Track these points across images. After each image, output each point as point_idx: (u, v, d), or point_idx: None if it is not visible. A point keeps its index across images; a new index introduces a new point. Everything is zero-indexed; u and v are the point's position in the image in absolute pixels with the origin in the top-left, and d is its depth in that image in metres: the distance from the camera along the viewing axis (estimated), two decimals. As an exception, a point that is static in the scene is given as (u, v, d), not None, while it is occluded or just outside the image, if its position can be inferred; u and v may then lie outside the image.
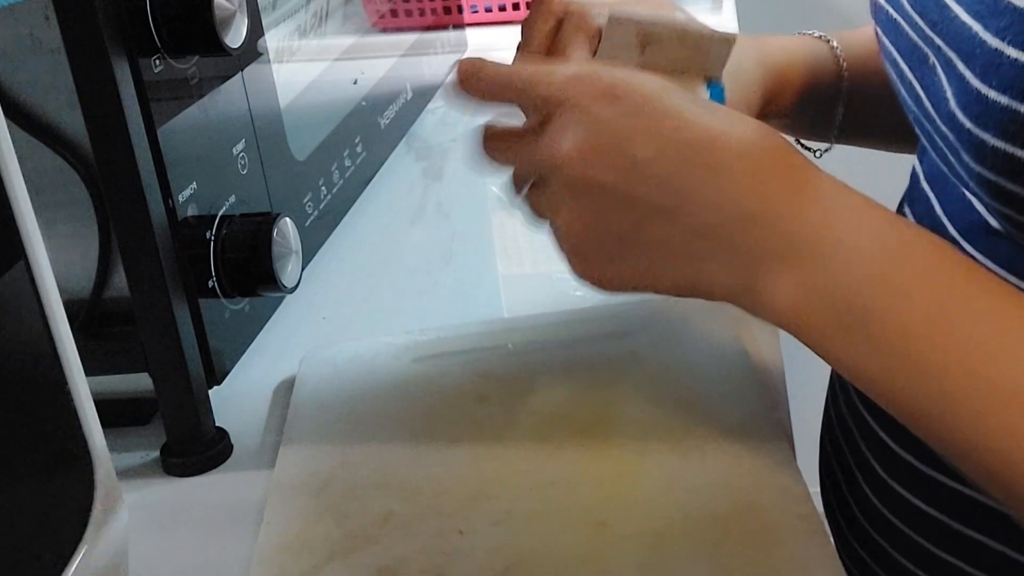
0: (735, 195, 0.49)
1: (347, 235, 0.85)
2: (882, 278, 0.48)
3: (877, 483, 0.61)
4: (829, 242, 0.48)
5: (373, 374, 0.67)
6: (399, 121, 0.99)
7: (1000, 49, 0.46)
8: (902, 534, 0.60)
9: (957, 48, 0.49)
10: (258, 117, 0.69)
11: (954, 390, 0.45)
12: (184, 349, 0.60)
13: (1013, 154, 0.47)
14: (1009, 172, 0.48)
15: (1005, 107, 0.46)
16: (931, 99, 0.53)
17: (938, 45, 0.51)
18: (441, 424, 0.61)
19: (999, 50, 0.47)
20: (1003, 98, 0.47)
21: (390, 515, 0.55)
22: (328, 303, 0.78)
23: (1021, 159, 0.47)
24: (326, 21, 0.87)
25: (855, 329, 0.48)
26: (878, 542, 0.62)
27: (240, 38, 0.61)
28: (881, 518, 0.61)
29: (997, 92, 0.47)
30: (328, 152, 0.82)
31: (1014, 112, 0.46)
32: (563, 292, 0.75)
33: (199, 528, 0.59)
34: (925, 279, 0.48)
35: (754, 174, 0.50)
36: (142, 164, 0.57)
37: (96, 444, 0.47)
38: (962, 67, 0.49)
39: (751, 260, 0.49)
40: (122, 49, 0.55)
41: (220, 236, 0.63)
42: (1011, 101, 0.46)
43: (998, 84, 0.47)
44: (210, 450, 0.63)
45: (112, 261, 0.61)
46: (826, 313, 0.48)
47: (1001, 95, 0.47)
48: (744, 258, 0.50)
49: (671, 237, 0.51)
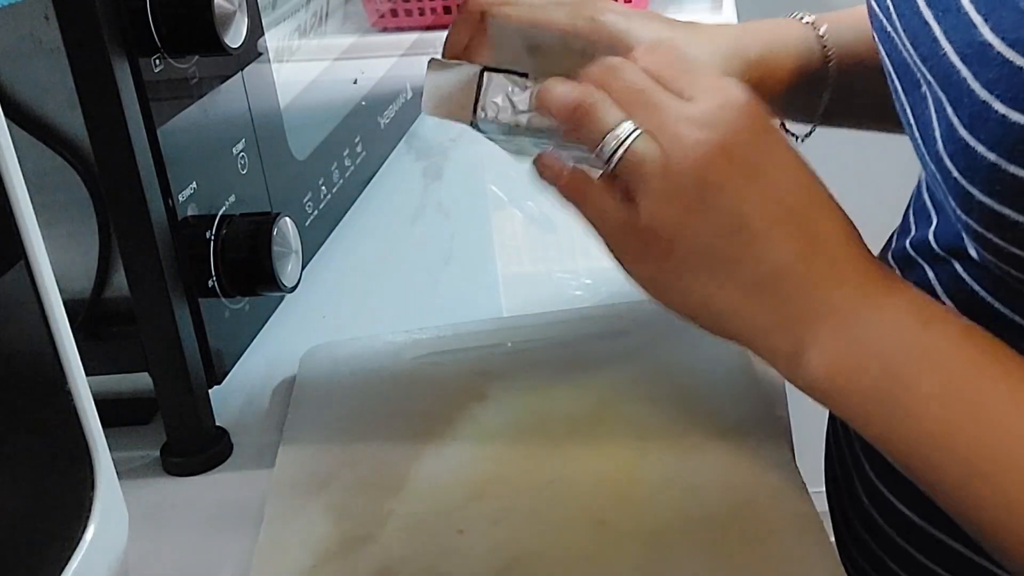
0: (789, 256, 0.49)
1: (347, 235, 0.85)
2: (917, 345, 0.47)
3: (873, 492, 0.61)
4: (869, 308, 0.48)
5: (373, 373, 0.67)
6: (399, 121, 0.99)
7: (988, 102, 0.44)
8: (894, 543, 0.60)
9: (946, 91, 0.48)
10: (258, 117, 0.69)
11: (977, 462, 0.45)
12: (184, 349, 0.60)
13: (1000, 211, 0.45)
14: (996, 227, 0.46)
15: (992, 164, 0.44)
16: (920, 131, 0.52)
17: (928, 80, 0.50)
18: (441, 423, 0.61)
19: (987, 103, 0.44)
20: (990, 155, 0.44)
21: (390, 514, 0.55)
22: (328, 303, 0.78)
23: (1008, 217, 0.45)
24: (326, 21, 0.87)
25: (887, 393, 0.47)
26: (875, 551, 0.62)
27: (240, 38, 0.61)
28: (878, 528, 0.61)
29: (985, 148, 0.45)
30: (328, 152, 0.82)
31: (1001, 171, 0.44)
32: (562, 291, 0.75)
33: (199, 528, 0.59)
34: (957, 350, 0.47)
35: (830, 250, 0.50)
36: (142, 164, 0.57)
37: (96, 444, 0.47)
38: (950, 112, 0.47)
39: (794, 321, 0.49)
40: (122, 49, 0.55)
41: (220, 236, 0.63)
42: (998, 159, 0.44)
43: (986, 139, 0.45)
44: (210, 450, 0.63)
45: (112, 261, 0.61)
46: (861, 377, 0.48)
47: (989, 151, 0.45)
48: (788, 319, 0.49)
49: (742, 273, 0.50)
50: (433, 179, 0.91)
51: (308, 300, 0.77)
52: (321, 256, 0.80)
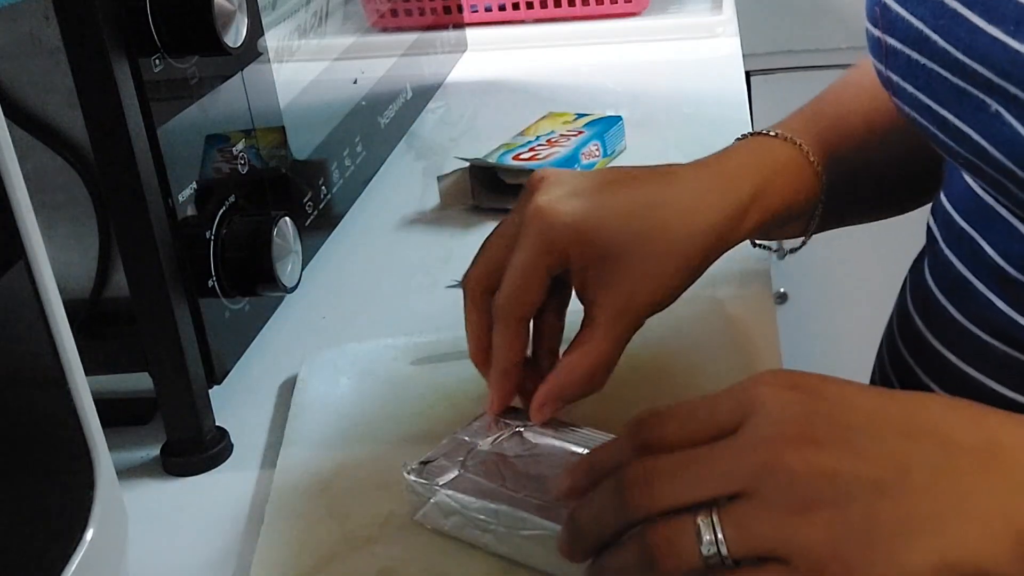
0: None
1: (347, 235, 0.85)
2: None
3: None
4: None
5: (373, 376, 0.67)
6: (399, 121, 0.99)
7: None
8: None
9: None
10: (258, 117, 0.69)
11: None
12: (184, 349, 0.60)
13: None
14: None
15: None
16: (993, 144, 0.50)
17: (1013, 95, 0.48)
18: (441, 425, 0.61)
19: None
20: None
21: (390, 516, 0.55)
22: (328, 303, 0.78)
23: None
24: (326, 21, 0.87)
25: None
26: None
27: (240, 38, 0.61)
28: None
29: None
30: (328, 152, 0.82)
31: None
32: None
33: (199, 528, 0.59)
34: None
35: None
36: (142, 164, 0.57)
37: (96, 444, 0.47)
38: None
39: (1012, 500, 0.42)
40: (122, 49, 0.55)
41: (220, 236, 0.63)
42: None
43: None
44: (210, 450, 0.63)
45: (112, 261, 0.61)
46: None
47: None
48: (1004, 499, 0.42)
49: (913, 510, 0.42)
50: (433, 179, 0.91)
51: (308, 300, 0.77)
52: (321, 256, 0.80)
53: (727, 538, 0.42)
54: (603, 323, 0.56)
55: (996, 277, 0.56)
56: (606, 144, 0.92)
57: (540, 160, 0.87)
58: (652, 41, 1.23)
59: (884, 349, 0.66)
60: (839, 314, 1.61)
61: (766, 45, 1.52)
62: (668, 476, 0.44)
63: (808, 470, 0.42)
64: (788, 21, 1.54)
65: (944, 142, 0.54)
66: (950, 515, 0.41)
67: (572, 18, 1.27)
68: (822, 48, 1.53)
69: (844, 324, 1.53)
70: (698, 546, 0.42)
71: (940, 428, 0.43)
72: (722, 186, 0.59)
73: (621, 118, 0.95)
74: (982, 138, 0.51)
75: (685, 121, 1.01)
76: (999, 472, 0.42)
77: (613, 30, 1.25)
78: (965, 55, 0.50)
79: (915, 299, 0.63)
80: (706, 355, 0.65)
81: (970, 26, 0.49)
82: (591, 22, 1.26)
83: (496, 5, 1.28)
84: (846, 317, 1.55)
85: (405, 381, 0.66)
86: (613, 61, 1.20)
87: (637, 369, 0.62)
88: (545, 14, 1.27)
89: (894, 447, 0.43)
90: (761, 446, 0.43)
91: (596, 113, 0.96)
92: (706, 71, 1.14)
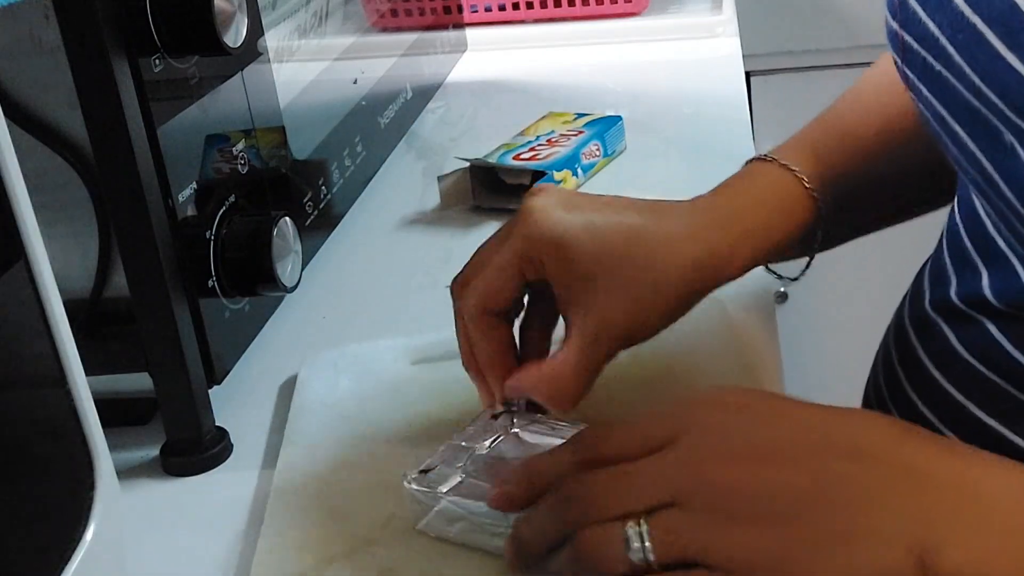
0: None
1: (347, 235, 0.85)
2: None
3: None
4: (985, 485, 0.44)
5: (373, 376, 0.67)
6: (399, 121, 0.99)
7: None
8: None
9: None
10: (258, 117, 0.69)
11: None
12: (184, 349, 0.60)
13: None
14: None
15: None
16: (1004, 179, 0.48)
17: (1021, 128, 0.46)
18: (441, 425, 0.61)
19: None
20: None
21: (391, 517, 0.55)
22: (328, 303, 0.78)
23: None
24: (326, 21, 0.87)
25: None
26: None
27: (240, 38, 0.61)
28: None
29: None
30: (328, 152, 0.82)
31: None
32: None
33: (199, 528, 0.59)
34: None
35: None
36: (142, 164, 0.57)
37: (96, 444, 0.47)
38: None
39: (919, 523, 0.43)
40: (122, 49, 0.55)
41: (220, 236, 0.63)
42: None
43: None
44: (210, 450, 0.63)
45: (112, 261, 0.61)
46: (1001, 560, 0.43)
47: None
48: (911, 522, 0.43)
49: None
50: (433, 179, 0.91)
51: (308, 300, 0.77)
52: (321, 256, 0.80)
53: (654, 543, 0.44)
54: (575, 349, 0.56)
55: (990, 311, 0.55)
56: (606, 144, 0.92)
57: (540, 160, 0.87)
58: (652, 41, 1.23)
59: (879, 358, 0.66)
60: (839, 315, 1.61)
61: (766, 45, 1.52)
62: (603, 489, 0.46)
63: (730, 485, 0.44)
64: (788, 21, 1.54)
65: (955, 156, 0.52)
66: (860, 533, 0.42)
67: (572, 18, 1.27)
68: (822, 48, 1.53)
69: (844, 325, 1.53)
70: (625, 551, 0.44)
71: (861, 446, 0.45)
72: (712, 223, 0.59)
73: (621, 118, 0.95)
74: (994, 170, 0.49)
75: (685, 121, 1.01)
76: (911, 495, 0.43)
77: (613, 30, 1.25)
78: (982, 80, 0.47)
79: (912, 313, 0.62)
80: (706, 355, 0.65)
81: (990, 50, 0.46)
82: (591, 22, 1.26)
83: (496, 5, 1.28)
84: (846, 318, 1.55)
85: (405, 381, 0.66)
86: (613, 61, 1.20)
87: (637, 369, 0.62)
88: (545, 14, 1.27)
89: (815, 464, 0.44)
90: (689, 461, 0.45)
91: (596, 113, 0.96)
92: (706, 71, 1.14)
